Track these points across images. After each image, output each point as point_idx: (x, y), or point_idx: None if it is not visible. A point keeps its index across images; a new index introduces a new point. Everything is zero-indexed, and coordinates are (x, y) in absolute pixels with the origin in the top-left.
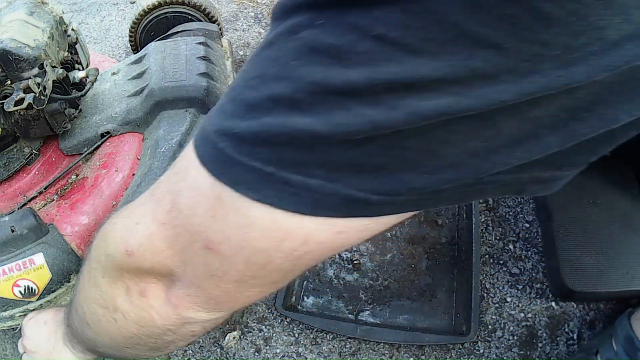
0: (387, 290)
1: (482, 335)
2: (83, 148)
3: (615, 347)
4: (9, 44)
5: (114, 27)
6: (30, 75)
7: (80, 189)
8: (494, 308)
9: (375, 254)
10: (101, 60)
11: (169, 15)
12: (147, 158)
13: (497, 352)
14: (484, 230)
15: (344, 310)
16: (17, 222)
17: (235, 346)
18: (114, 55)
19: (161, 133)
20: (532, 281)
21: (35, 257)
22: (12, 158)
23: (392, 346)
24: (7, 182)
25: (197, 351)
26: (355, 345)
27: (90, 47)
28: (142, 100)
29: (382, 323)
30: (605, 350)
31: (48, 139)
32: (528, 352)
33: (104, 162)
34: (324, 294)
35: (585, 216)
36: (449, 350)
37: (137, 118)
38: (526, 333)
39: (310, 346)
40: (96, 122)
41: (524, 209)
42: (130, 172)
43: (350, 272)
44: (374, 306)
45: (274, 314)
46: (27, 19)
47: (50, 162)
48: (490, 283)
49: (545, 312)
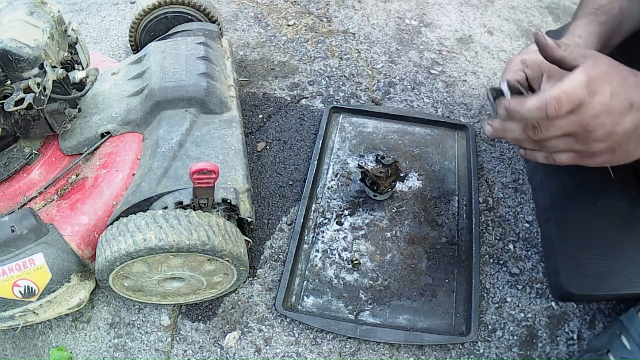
0: (387, 290)
1: (482, 335)
2: (83, 148)
3: (629, 346)
4: (9, 44)
5: (114, 27)
6: (30, 75)
7: (80, 189)
8: (494, 308)
9: (375, 254)
10: (101, 60)
11: (169, 15)
12: (147, 158)
13: (497, 352)
14: (484, 230)
15: (344, 310)
16: (17, 222)
17: (235, 346)
18: (114, 55)
19: (161, 133)
20: (532, 281)
21: (35, 257)
22: (12, 158)
23: (392, 346)
24: (7, 182)
25: (197, 351)
26: (355, 345)
27: (90, 47)
28: (142, 100)
29: (382, 323)
30: (618, 349)
31: (48, 139)
32: (528, 352)
33: (104, 162)
34: (324, 294)
35: (585, 218)
36: (449, 350)
37: (137, 118)
38: (526, 333)
39: (310, 346)
40: (96, 122)
41: (524, 209)
42: (130, 172)
43: (350, 272)
44: (374, 306)
45: (274, 314)
46: (27, 19)
47: (50, 162)
48: (490, 283)
49: (545, 312)
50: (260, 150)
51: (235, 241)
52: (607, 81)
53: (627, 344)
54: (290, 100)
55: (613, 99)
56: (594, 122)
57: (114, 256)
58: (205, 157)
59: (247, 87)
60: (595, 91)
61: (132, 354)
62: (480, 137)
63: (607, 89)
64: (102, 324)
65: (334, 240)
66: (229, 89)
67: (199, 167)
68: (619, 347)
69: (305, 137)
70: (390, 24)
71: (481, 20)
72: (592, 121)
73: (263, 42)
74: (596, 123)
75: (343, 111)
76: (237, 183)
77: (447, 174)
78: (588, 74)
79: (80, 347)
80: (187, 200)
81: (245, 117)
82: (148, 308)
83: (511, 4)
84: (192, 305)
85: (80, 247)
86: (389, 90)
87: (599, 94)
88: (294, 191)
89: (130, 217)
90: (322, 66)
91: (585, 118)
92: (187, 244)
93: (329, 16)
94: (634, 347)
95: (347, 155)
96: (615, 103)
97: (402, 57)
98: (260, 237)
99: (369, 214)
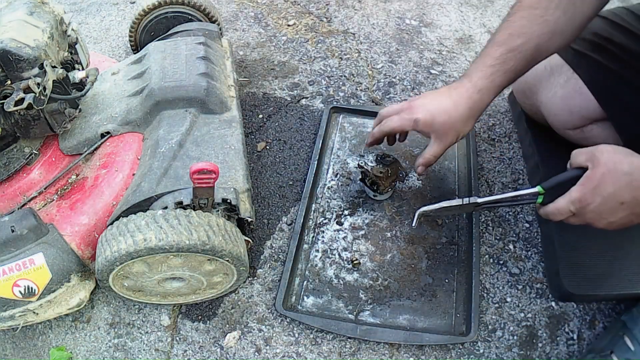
0: (387, 290)
1: (482, 335)
2: (83, 148)
3: (633, 347)
4: (9, 44)
5: (114, 27)
6: (30, 75)
7: (80, 189)
8: (494, 308)
9: (375, 254)
10: (101, 60)
11: (169, 15)
12: (147, 158)
13: (497, 352)
14: (484, 230)
15: (344, 310)
16: (17, 222)
17: (235, 346)
18: (114, 55)
19: (161, 133)
20: (532, 281)
21: (35, 257)
22: (12, 158)
23: (392, 346)
24: (7, 182)
25: (197, 351)
26: (355, 345)
27: (90, 47)
28: (142, 100)
29: (382, 323)
30: (622, 351)
31: (48, 139)
32: (528, 352)
33: (104, 162)
34: (324, 294)
35: None
36: (449, 350)
37: (137, 118)
38: (526, 333)
39: (310, 346)
40: (96, 122)
41: (524, 209)
42: (130, 172)
43: (350, 272)
44: (374, 306)
45: (274, 314)
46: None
47: (50, 162)
48: (490, 283)
49: (545, 312)
50: (260, 150)
51: (235, 241)
52: (597, 193)
53: (630, 345)
54: (290, 100)
55: (602, 205)
56: (592, 220)
57: (114, 256)
58: (205, 157)
59: (247, 87)
60: (588, 203)
61: (132, 354)
62: (480, 137)
63: (597, 200)
64: (102, 324)
65: (334, 240)
66: (229, 89)
67: (199, 167)
68: (622, 348)
69: (305, 137)
70: (390, 24)
71: (481, 20)
72: (590, 220)
73: (263, 42)
74: (593, 220)
75: (343, 111)
76: (237, 183)
77: (447, 174)
78: (581, 191)
79: (80, 347)
80: (187, 200)
81: (245, 117)
82: (148, 308)
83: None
84: (192, 305)
85: (80, 247)
86: (389, 90)
87: (591, 203)
88: (294, 191)
89: (130, 217)
90: (322, 66)
91: (585, 219)
92: (187, 244)
93: (329, 16)
94: (637, 348)
95: (347, 155)
96: (606, 207)
97: (402, 57)
98: (260, 237)
99: (369, 214)
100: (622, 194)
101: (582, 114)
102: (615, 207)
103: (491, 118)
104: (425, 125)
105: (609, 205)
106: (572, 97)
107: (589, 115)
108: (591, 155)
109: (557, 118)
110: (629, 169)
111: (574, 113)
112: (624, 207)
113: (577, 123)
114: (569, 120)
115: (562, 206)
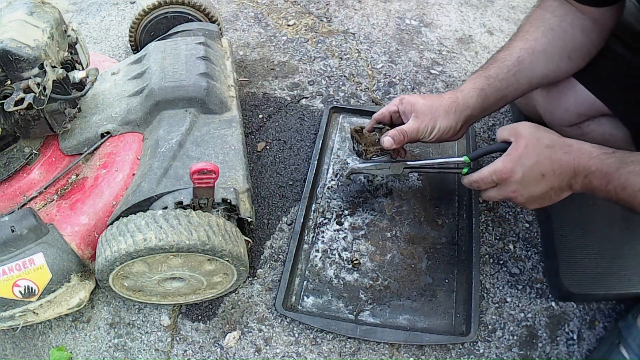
0: (387, 290)
1: (482, 335)
2: (83, 148)
3: (628, 356)
4: (9, 44)
5: (114, 27)
6: (30, 75)
7: (80, 189)
8: (494, 308)
9: (375, 254)
10: (101, 60)
11: (169, 15)
12: (147, 158)
13: (497, 352)
14: (484, 230)
15: (344, 310)
16: (17, 222)
17: (235, 346)
18: (114, 55)
19: (161, 133)
20: (532, 281)
21: (35, 257)
22: (12, 158)
23: (392, 346)
24: (7, 182)
25: (197, 351)
26: (355, 345)
27: (90, 47)
28: (142, 100)
29: (382, 323)
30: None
31: (48, 139)
32: (528, 352)
33: (104, 162)
34: (324, 294)
35: (585, 218)
36: (449, 350)
37: (137, 118)
38: (526, 333)
39: (310, 346)
40: (96, 122)
41: (524, 209)
42: (130, 172)
43: (350, 272)
44: (374, 306)
45: (274, 314)
46: (27, 19)
47: (50, 162)
48: (490, 283)
49: (545, 312)
50: (260, 150)
51: (235, 241)
52: (520, 163)
53: (625, 354)
54: (290, 100)
55: (525, 176)
56: (513, 193)
57: (114, 256)
58: (205, 157)
59: (247, 87)
60: (511, 173)
61: (132, 354)
62: (480, 137)
63: (520, 170)
64: (102, 324)
65: (334, 240)
66: (229, 89)
67: (199, 167)
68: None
69: (305, 137)
70: (390, 24)
71: (481, 20)
72: (511, 193)
73: (263, 42)
74: (515, 194)
75: (343, 111)
76: (237, 183)
77: (447, 174)
78: (505, 162)
79: (80, 347)
80: (187, 200)
81: (245, 117)
82: (148, 308)
83: (511, 4)
84: (192, 305)
85: (80, 247)
86: (389, 90)
87: (514, 174)
88: (294, 191)
89: (130, 217)
90: (322, 66)
91: (506, 191)
92: (187, 244)
93: (329, 16)
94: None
95: (347, 155)
96: (528, 178)
97: (402, 57)
98: (260, 237)
99: (369, 214)
100: (544, 166)
101: (578, 110)
102: (536, 179)
103: (491, 118)
104: (408, 103)
105: (531, 177)
106: (566, 94)
107: (584, 112)
108: (514, 130)
109: (553, 116)
110: (549, 142)
111: (569, 110)
112: (544, 180)
113: (574, 120)
114: (565, 117)
115: (485, 175)
